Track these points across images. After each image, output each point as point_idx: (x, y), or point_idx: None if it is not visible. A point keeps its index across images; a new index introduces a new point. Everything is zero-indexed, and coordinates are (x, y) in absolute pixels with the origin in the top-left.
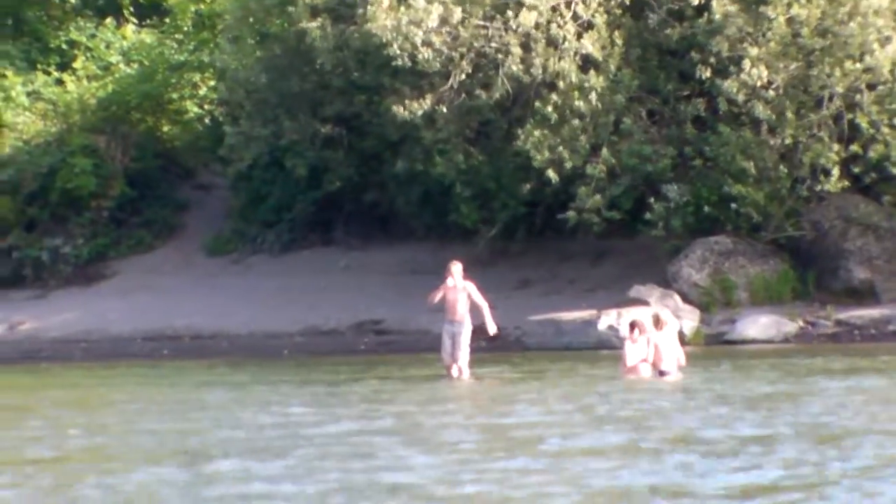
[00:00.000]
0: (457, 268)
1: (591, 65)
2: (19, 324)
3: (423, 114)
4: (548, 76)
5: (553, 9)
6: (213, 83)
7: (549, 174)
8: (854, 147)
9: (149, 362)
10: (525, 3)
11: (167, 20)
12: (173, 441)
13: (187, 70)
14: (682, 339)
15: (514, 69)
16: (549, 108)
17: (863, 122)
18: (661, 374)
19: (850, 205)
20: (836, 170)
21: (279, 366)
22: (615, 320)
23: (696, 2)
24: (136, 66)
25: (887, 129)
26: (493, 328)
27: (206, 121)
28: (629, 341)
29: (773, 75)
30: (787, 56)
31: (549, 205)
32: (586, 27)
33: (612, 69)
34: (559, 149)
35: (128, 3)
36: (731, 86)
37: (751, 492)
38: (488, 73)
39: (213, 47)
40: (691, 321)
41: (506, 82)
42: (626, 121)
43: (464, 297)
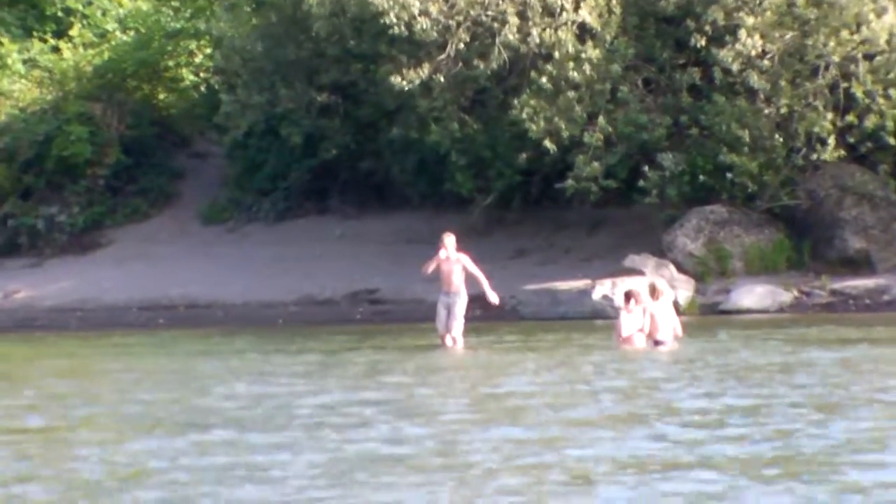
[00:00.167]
0: (450, 239)
1: (587, 34)
2: (14, 292)
3: (420, 83)
4: (544, 48)
5: None
6: (209, 51)
7: (547, 144)
8: (850, 117)
9: (144, 331)
10: None
11: None
12: (167, 410)
13: (183, 38)
14: (676, 309)
15: (511, 38)
16: (544, 79)
17: (858, 91)
18: (657, 343)
19: (846, 174)
20: (831, 139)
21: (274, 335)
22: (610, 290)
23: None
24: (132, 33)
25: (882, 100)
26: (494, 298)
27: (202, 89)
28: (624, 311)
29: (769, 45)
30: (783, 25)
31: (546, 174)
32: None
33: (608, 38)
34: (555, 119)
35: None
36: (727, 55)
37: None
38: (485, 42)
39: (210, 15)
40: (686, 291)
41: (502, 52)
42: (622, 89)
43: (458, 268)
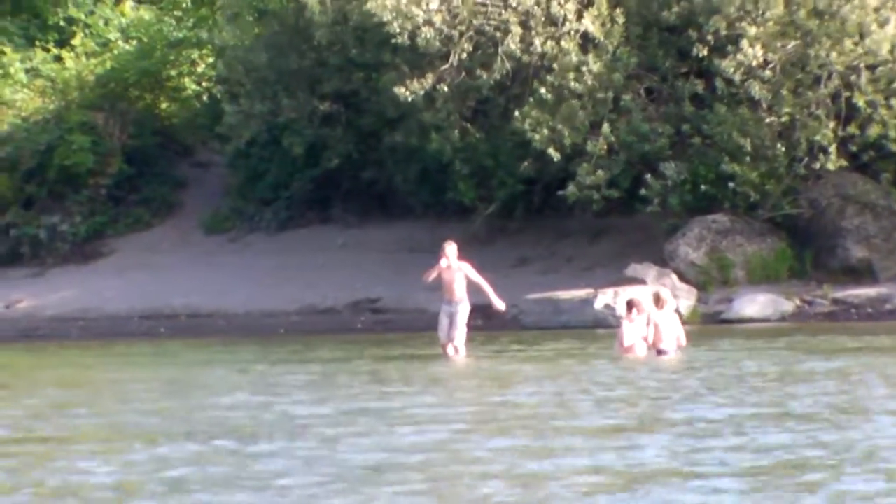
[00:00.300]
0: (451, 248)
1: (590, 43)
2: (17, 302)
3: (424, 93)
4: (547, 60)
5: None
6: (211, 60)
7: (551, 152)
8: (851, 128)
9: (146, 341)
10: None
11: None
12: (165, 420)
13: (186, 47)
14: (679, 319)
15: (513, 48)
16: (543, 90)
17: (860, 101)
18: (660, 353)
19: (848, 183)
20: (833, 148)
21: (276, 344)
22: (612, 299)
23: None
24: (134, 42)
25: (885, 110)
26: (500, 304)
27: (205, 98)
28: (626, 321)
29: (771, 54)
30: (785, 35)
31: (548, 183)
32: (586, 4)
33: (610, 48)
34: (558, 126)
35: None
36: (729, 65)
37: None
38: (487, 51)
39: (212, 24)
40: (688, 300)
41: (505, 61)
42: (624, 98)
43: (460, 276)
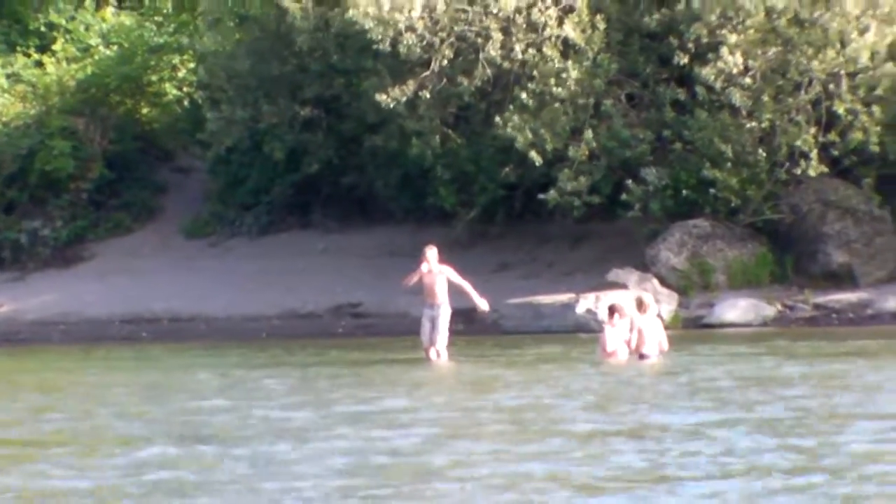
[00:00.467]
0: (432, 252)
1: (570, 49)
2: None
3: (406, 100)
4: (528, 68)
5: None
6: (192, 66)
7: (533, 156)
8: (832, 136)
9: (127, 345)
10: None
11: (146, 2)
12: (147, 425)
13: (166, 52)
14: (661, 324)
15: (494, 54)
16: (524, 96)
17: (840, 109)
18: (642, 357)
19: (829, 188)
20: (814, 154)
21: (257, 349)
22: (593, 304)
23: None
24: (115, 48)
25: (865, 117)
26: (484, 304)
27: (186, 103)
28: (609, 325)
29: (751, 62)
30: (766, 43)
31: (529, 188)
32: (567, 11)
33: (591, 54)
34: (540, 131)
35: None
36: (709, 73)
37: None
38: (468, 58)
39: (193, 30)
40: (669, 305)
41: (486, 67)
42: (605, 104)
43: (441, 280)
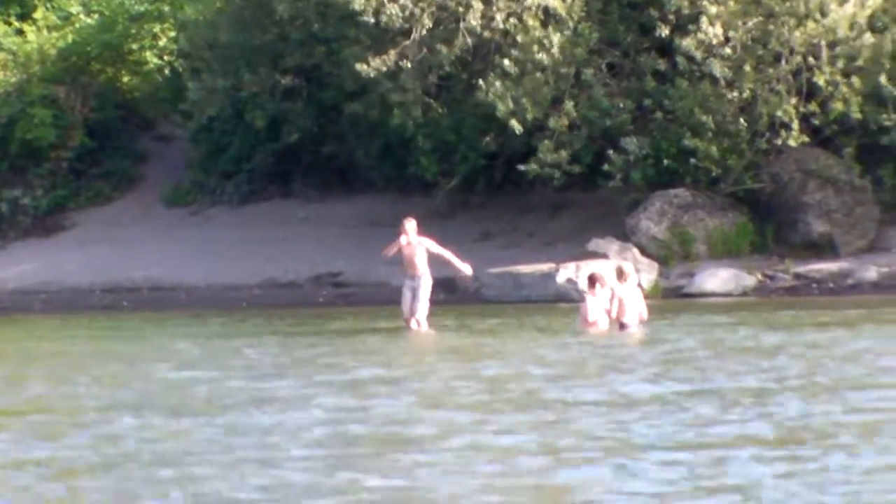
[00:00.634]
0: (410, 224)
1: (550, 18)
2: None
3: (386, 70)
4: (509, 38)
5: None
6: (173, 34)
7: (513, 124)
8: (812, 106)
9: (107, 314)
10: None
11: None
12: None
13: (147, 20)
14: (641, 293)
15: (475, 23)
16: (507, 63)
17: (820, 80)
18: (622, 327)
19: (810, 158)
20: (795, 124)
21: (238, 318)
22: (574, 273)
23: None
24: (96, 16)
25: (845, 88)
26: (467, 269)
27: (167, 72)
28: (590, 295)
29: (732, 32)
30: (747, 14)
31: (509, 157)
32: None
33: (571, 23)
34: (522, 99)
35: None
36: (689, 44)
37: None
38: (449, 27)
39: None
40: (649, 274)
41: (467, 36)
42: (586, 73)
43: (421, 251)
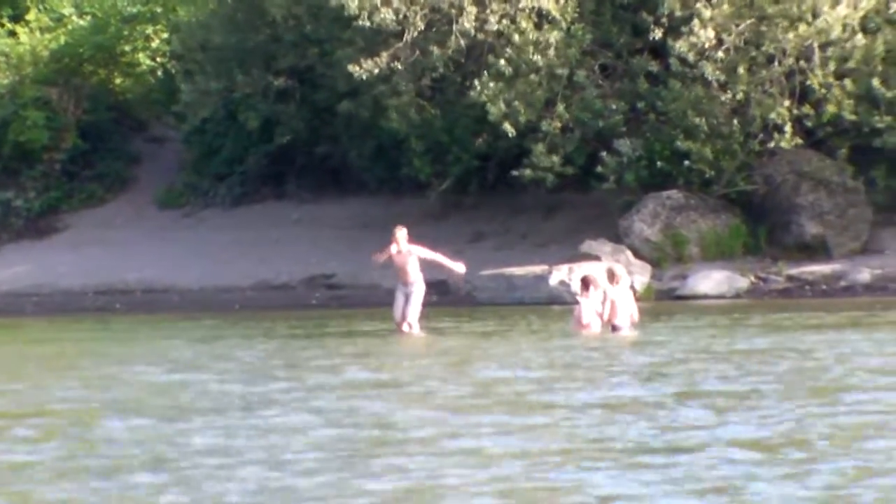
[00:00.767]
0: (401, 233)
1: (544, 19)
2: None
3: (378, 71)
4: (502, 39)
5: None
6: (165, 35)
7: (506, 127)
8: (806, 108)
9: (100, 316)
10: None
11: None
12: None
13: (140, 22)
14: (633, 295)
15: (468, 26)
16: (502, 63)
17: (814, 82)
18: (614, 329)
19: (803, 159)
20: (788, 126)
21: (231, 321)
22: (567, 275)
23: None
24: (88, 17)
25: (838, 90)
26: (460, 268)
27: (159, 73)
28: (583, 298)
29: (725, 35)
30: (741, 16)
31: (502, 159)
32: None
33: (564, 24)
34: (514, 102)
35: None
36: (682, 46)
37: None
38: (441, 29)
39: None
40: (642, 276)
41: (460, 38)
42: (579, 74)
43: (413, 260)
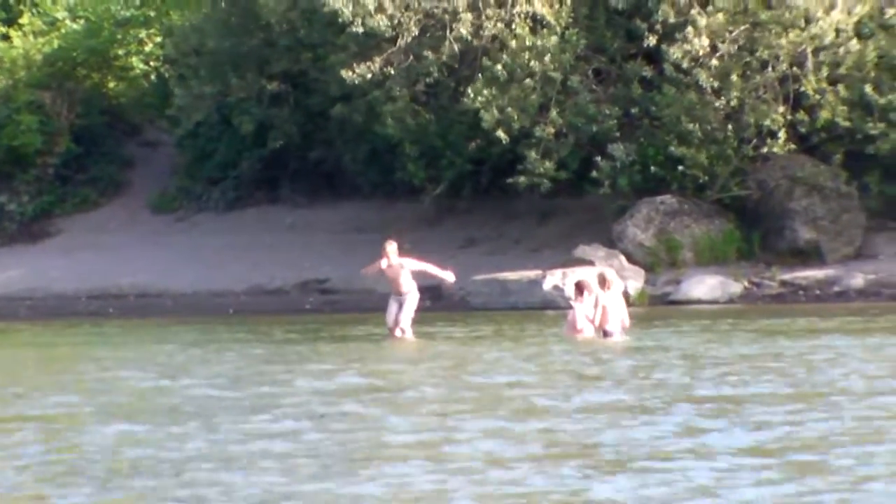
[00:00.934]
0: (391, 247)
1: (538, 24)
2: None
3: (371, 76)
4: (497, 43)
5: None
6: (159, 39)
7: (499, 134)
8: (800, 114)
9: (92, 321)
10: None
11: None
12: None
13: (133, 26)
14: (627, 300)
15: (464, 32)
16: (498, 67)
17: (807, 88)
18: (605, 334)
19: (796, 164)
20: (782, 132)
21: (224, 325)
22: (560, 280)
23: None
24: (82, 21)
25: (831, 96)
26: (450, 276)
27: (153, 77)
28: (577, 303)
29: (720, 43)
30: (735, 22)
31: (496, 164)
32: None
33: (559, 29)
34: (507, 109)
35: None
36: (676, 52)
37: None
38: (435, 34)
39: (160, 2)
40: (636, 281)
41: (454, 44)
42: (572, 79)
43: (405, 272)
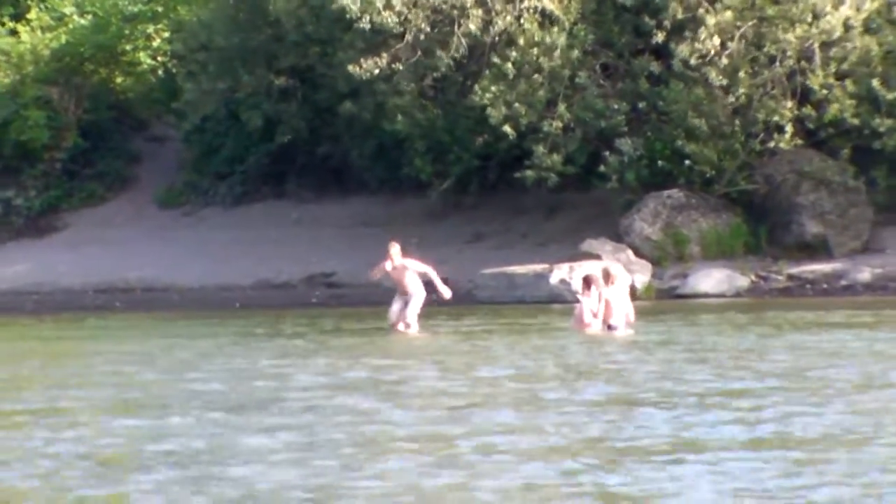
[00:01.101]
0: (395, 249)
1: (547, 20)
2: None
3: (379, 71)
4: (505, 38)
5: None
6: (166, 35)
7: (507, 130)
8: (807, 109)
9: (100, 315)
10: None
11: None
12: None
13: (141, 21)
14: (633, 294)
15: (472, 28)
16: (508, 65)
17: (815, 83)
18: (610, 328)
19: (804, 159)
20: (789, 127)
21: (230, 319)
22: (567, 274)
23: None
24: (89, 16)
25: (839, 91)
26: (447, 293)
27: (160, 73)
28: (585, 296)
29: (728, 41)
30: (743, 18)
31: (503, 159)
32: None
33: (567, 24)
34: (515, 104)
35: None
36: (685, 50)
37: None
38: (444, 30)
39: None
40: (643, 275)
41: (462, 41)
42: (581, 75)
43: (409, 273)
